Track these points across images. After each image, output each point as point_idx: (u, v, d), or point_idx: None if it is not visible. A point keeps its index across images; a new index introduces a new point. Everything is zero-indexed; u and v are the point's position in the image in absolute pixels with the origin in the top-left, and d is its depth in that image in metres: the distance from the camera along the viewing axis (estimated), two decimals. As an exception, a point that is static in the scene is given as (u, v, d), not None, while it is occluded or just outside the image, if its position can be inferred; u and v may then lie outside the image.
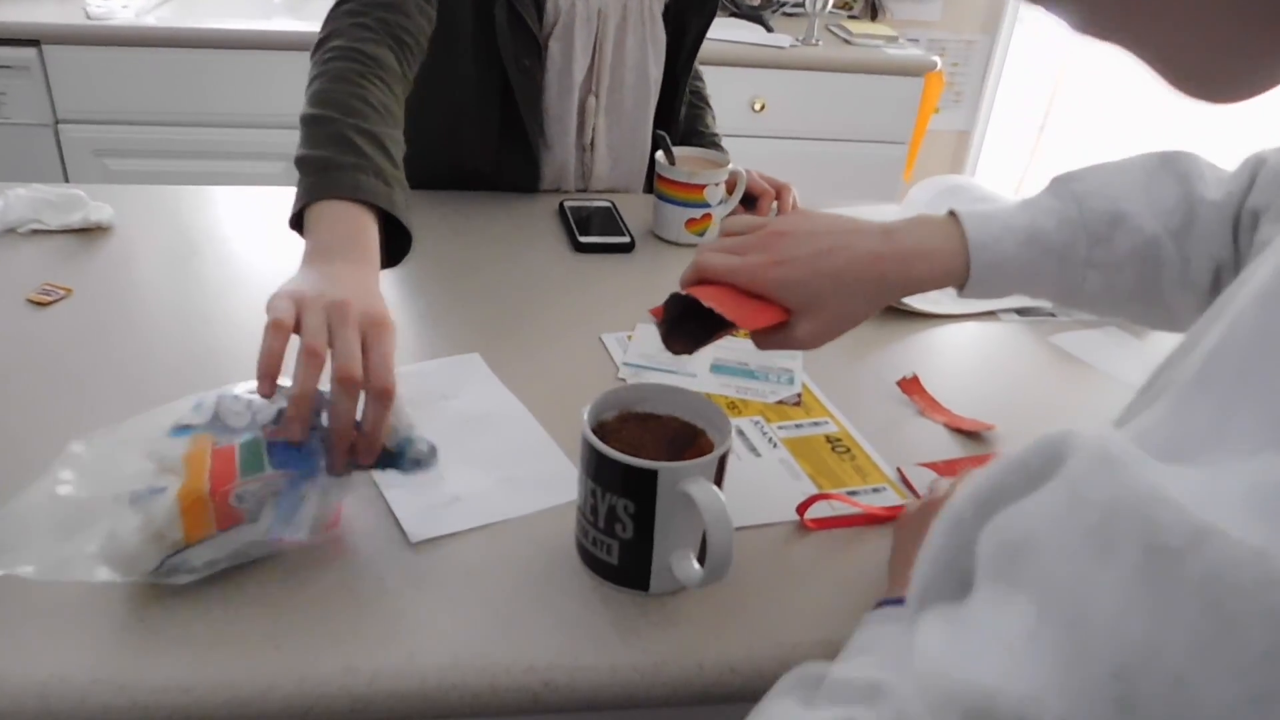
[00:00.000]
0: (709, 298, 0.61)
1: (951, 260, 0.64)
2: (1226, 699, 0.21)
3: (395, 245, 0.78)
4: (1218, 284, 0.64)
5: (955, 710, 0.26)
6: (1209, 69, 0.32)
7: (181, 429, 0.60)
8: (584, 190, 1.26)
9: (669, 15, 1.18)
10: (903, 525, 0.63)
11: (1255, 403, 0.24)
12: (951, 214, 0.66)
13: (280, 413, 0.59)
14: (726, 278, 0.63)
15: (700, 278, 0.64)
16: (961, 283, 0.65)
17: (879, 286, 0.64)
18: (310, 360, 0.58)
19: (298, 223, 0.73)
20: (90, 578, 0.56)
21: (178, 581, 0.57)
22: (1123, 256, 0.64)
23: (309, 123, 0.78)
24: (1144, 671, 0.22)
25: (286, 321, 0.59)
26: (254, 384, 0.60)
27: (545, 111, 1.17)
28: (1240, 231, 0.63)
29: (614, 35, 1.15)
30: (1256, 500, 0.22)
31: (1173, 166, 0.65)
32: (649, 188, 1.29)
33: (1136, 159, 0.67)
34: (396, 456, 0.62)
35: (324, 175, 0.73)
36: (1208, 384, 0.26)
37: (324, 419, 0.60)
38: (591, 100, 1.18)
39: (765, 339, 0.66)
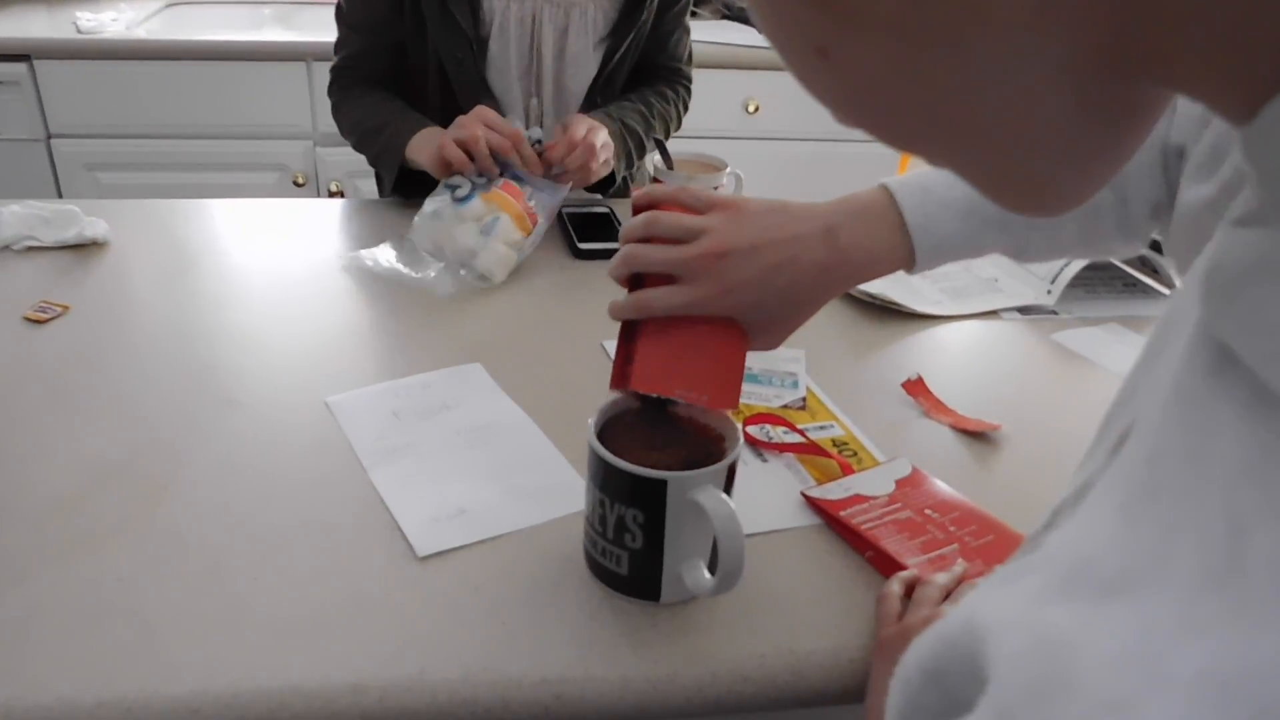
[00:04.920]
0: (668, 368, 0.59)
1: (895, 253, 0.63)
2: None
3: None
4: (1156, 217, 0.64)
5: None
6: (1042, 182, 0.29)
7: (463, 199, 1.06)
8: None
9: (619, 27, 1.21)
10: (880, 653, 0.57)
11: (1193, 532, 0.22)
12: (886, 190, 0.64)
13: (486, 178, 1.09)
14: (677, 313, 0.61)
15: (644, 314, 0.62)
16: (909, 266, 0.64)
17: (828, 293, 0.64)
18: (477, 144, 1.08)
19: (395, 178, 1.20)
20: (486, 279, 1.02)
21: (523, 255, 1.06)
22: (1064, 214, 0.65)
23: (362, 138, 1.22)
24: None
25: (456, 149, 1.08)
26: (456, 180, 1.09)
27: (495, 109, 1.20)
28: (1168, 167, 0.62)
29: (554, 44, 1.20)
30: (1203, 694, 0.19)
31: None
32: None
33: None
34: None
35: (393, 145, 1.17)
36: (1154, 495, 0.23)
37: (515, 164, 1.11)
38: (534, 102, 1.23)
39: None
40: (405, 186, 1.20)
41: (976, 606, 0.24)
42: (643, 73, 1.29)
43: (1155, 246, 1.19)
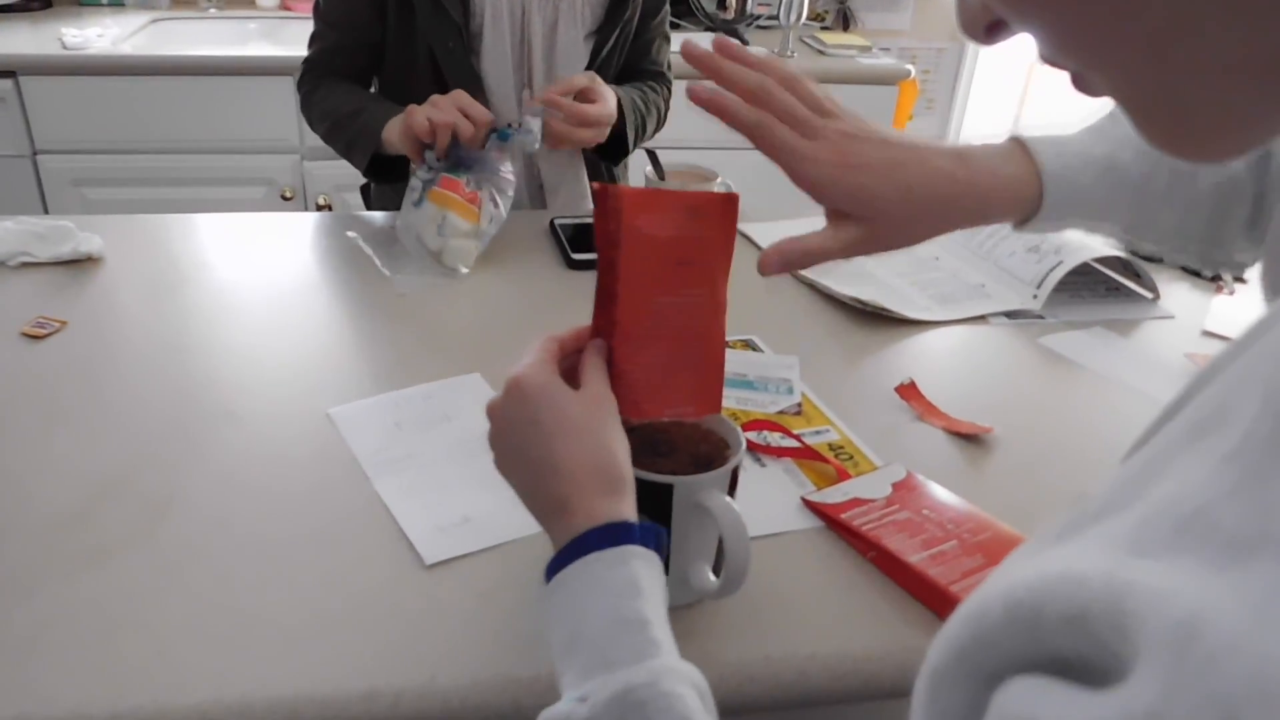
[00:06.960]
0: (652, 392, 0.58)
1: (1025, 190, 0.60)
2: None
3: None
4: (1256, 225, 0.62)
5: None
6: (1202, 125, 0.27)
7: (418, 201, 1.09)
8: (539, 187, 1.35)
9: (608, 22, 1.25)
10: None
11: None
12: (1019, 140, 0.61)
13: (435, 173, 1.10)
14: (787, 155, 0.60)
15: (805, 264, 0.60)
16: (1031, 215, 0.61)
17: (948, 210, 0.60)
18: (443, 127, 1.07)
19: (373, 162, 1.19)
20: (455, 271, 1.08)
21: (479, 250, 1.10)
22: (1203, 192, 0.61)
23: (335, 125, 1.21)
24: None
25: (422, 120, 1.07)
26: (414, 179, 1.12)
27: (489, 99, 1.23)
28: (1265, 169, 0.60)
29: (544, 36, 1.22)
30: None
31: None
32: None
33: None
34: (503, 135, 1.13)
35: (369, 129, 1.17)
36: None
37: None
38: (526, 93, 1.25)
39: (798, 242, 0.61)
40: (380, 177, 1.23)
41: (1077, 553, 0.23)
42: (628, 78, 1.34)
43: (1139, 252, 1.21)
